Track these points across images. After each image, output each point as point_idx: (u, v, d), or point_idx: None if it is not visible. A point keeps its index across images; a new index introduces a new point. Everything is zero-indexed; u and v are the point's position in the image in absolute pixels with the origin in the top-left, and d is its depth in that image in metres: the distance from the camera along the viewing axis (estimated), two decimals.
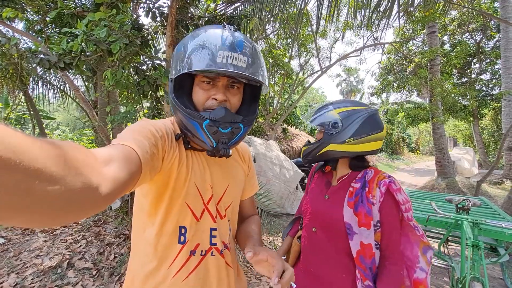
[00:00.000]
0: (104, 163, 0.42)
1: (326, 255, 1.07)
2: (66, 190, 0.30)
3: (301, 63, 10.76)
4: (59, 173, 0.29)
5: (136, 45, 2.39)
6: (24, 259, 2.60)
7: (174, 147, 0.71)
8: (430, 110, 8.13)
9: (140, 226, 0.77)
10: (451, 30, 11.56)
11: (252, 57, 0.67)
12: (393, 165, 15.83)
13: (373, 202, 0.98)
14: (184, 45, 0.69)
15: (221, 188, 0.81)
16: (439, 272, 3.05)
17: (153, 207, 0.73)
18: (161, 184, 0.70)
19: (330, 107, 1.10)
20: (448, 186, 7.39)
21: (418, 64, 9.25)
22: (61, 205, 0.31)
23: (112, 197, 0.41)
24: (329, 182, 1.15)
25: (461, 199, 2.31)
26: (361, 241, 0.97)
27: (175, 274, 0.73)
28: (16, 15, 2.54)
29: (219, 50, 0.63)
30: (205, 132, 0.66)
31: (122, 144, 0.54)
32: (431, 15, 6.11)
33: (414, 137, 26.54)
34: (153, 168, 0.60)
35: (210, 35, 0.67)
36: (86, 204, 0.35)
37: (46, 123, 12.55)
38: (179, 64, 0.68)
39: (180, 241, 0.74)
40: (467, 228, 1.98)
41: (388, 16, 3.91)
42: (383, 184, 0.99)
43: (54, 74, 5.95)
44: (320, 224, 1.10)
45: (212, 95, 0.70)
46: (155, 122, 0.70)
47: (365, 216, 0.97)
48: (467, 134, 18.44)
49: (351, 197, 1.02)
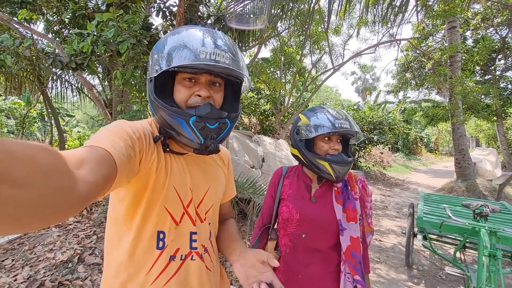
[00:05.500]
0: (75, 166, 0.41)
1: (317, 256, 1.09)
2: (34, 194, 0.29)
3: (313, 61, 10.59)
4: (25, 177, 0.28)
5: (143, 45, 2.41)
6: (38, 252, 2.70)
7: (152, 149, 0.69)
8: (449, 109, 7.77)
9: (114, 235, 0.75)
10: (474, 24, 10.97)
11: (233, 53, 0.67)
12: (409, 165, 15.30)
13: (356, 197, 1.11)
14: (163, 44, 0.68)
15: (201, 191, 0.80)
16: (455, 280, 2.90)
17: (130, 212, 0.71)
18: (138, 188, 0.69)
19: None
20: (468, 188, 7.05)
21: (438, 61, 8.86)
22: (30, 211, 0.29)
23: (84, 201, 0.39)
24: (310, 186, 1.17)
25: (479, 205, 2.18)
26: (351, 235, 1.05)
27: (155, 279, 0.71)
28: (31, 17, 2.62)
29: (202, 47, 0.63)
30: (192, 129, 0.66)
31: (96, 146, 0.52)
32: (452, 10, 5.81)
33: (432, 136, 25.56)
34: (130, 170, 0.59)
35: (191, 33, 0.67)
36: (56, 209, 0.34)
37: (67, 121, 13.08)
38: (159, 62, 0.66)
39: (158, 247, 0.72)
40: (485, 236, 1.86)
41: (404, 11, 3.74)
42: (359, 181, 1.17)
43: (72, 73, 6.16)
44: (311, 227, 1.09)
45: (195, 92, 0.69)
46: (132, 123, 0.69)
47: (352, 210, 1.07)
48: (490, 134, 17.53)
49: (339, 195, 1.11)
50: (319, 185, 1.15)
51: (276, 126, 10.24)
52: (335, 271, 1.08)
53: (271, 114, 10.97)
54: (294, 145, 1.16)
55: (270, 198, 1.23)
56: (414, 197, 7.24)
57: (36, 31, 3.69)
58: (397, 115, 13.51)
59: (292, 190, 1.18)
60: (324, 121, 1.06)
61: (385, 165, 12.71)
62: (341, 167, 1.05)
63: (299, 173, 1.21)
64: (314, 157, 1.07)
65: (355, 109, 15.48)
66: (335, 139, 1.09)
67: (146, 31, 2.70)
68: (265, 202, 1.24)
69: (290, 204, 1.14)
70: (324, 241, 1.09)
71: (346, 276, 1.03)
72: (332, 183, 1.14)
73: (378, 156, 13.23)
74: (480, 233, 1.91)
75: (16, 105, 9.84)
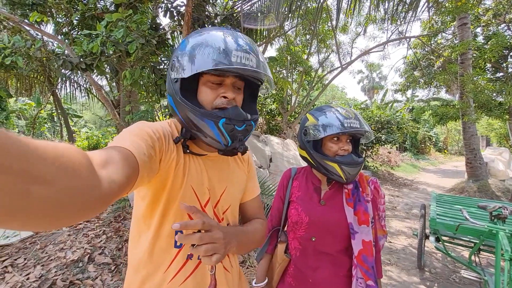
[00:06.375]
0: (100, 165, 0.42)
1: (327, 260, 1.06)
2: (61, 192, 0.31)
3: (320, 60, 10.50)
4: (54, 175, 0.30)
5: (152, 45, 2.40)
6: (49, 252, 2.73)
7: (172, 149, 0.71)
8: (460, 108, 7.60)
9: (135, 232, 0.77)
10: (485, 21, 10.70)
11: (258, 56, 0.69)
12: (418, 165, 15.05)
13: (367, 199, 1.07)
14: (191, 45, 0.68)
15: (218, 191, 0.80)
16: (469, 284, 2.82)
17: (149, 210, 0.73)
18: (158, 187, 0.71)
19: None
20: (480, 189, 6.89)
21: (448, 58, 8.68)
22: (57, 207, 0.31)
23: (108, 199, 0.41)
24: (319, 187, 1.13)
25: (497, 206, 2.11)
26: (363, 239, 1.01)
27: (172, 278, 0.72)
28: (41, 19, 2.64)
29: (233, 50, 0.64)
30: (221, 131, 0.66)
31: (119, 146, 0.54)
32: (463, 6, 5.68)
33: (441, 136, 25.10)
34: (150, 170, 0.60)
35: (219, 35, 0.68)
36: (82, 206, 0.35)
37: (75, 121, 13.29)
38: (188, 63, 0.66)
39: (176, 245, 0.73)
40: (503, 240, 1.79)
41: (415, 8, 3.66)
42: (371, 182, 1.12)
43: (81, 74, 6.24)
44: (320, 231, 1.06)
45: (221, 94, 0.70)
46: (152, 124, 0.71)
47: (364, 213, 1.03)
48: (502, 133, 17.11)
49: (349, 197, 1.07)
50: (328, 187, 1.12)
51: (282, 126, 10.19)
52: (346, 276, 1.04)
53: (277, 113, 10.93)
54: (301, 146, 1.13)
55: (279, 200, 1.20)
56: (423, 198, 7.11)
57: (46, 32, 3.73)
58: (405, 114, 13.28)
59: (301, 192, 1.15)
60: (333, 120, 1.02)
61: (393, 164, 12.54)
62: (351, 168, 1.01)
63: (308, 175, 1.18)
64: (323, 158, 1.04)
65: (362, 108, 15.30)
66: (345, 139, 1.05)
67: (155, 31, 2.69)
68: (274, 204, 1.22)
69: (299, 207, 1.12)
70: (334, 245, 1.06)
71: (358, 281, 0.99)
72: (342, 185, 1.10)
73: (385, 156, 13.06)
74: (498, 236, 1.85)
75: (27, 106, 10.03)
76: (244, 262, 2.88)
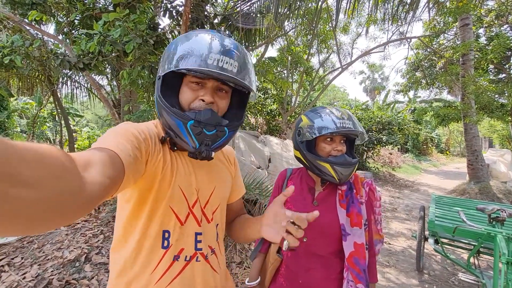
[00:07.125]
0: (83, 167, 0.41)
1: (318, 261, 1.05)
2: (44, 195, 0.30)
3: (321, 60, 10.47)
4: (36, 178, 0.29)
5: (149, 45, 2.40)
6: (47, 251, 2.74)
7: (158, 150, 0.70)
8: (462, 109, 7.56)
9: (121, 234, 0.76)
10: (488, 22, 10.64)
11: (243, 63, 0.68)
12: (419, 166, 14.98)
13: (361, 201, 1.06)
14: (175, 45, 0.69)
15: (207, 191, 0.80)
16: (468, 287, 2.80)
17: (136, 211, 0.72)
18: (144, 188, 0.70)
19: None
20: (481, 191, 6.84)
21: (449, 59, 8.63)
22: (40, 211, 0.30)
23: (93, 201, 0.40)
24: (313, 188, 1.13)
25: (495, 209, 2.08)
26: (355, 241, 1.00)
27: (159, 279, 0.72)
28: (41, 18, 2.65)
29: (211, 53, 0.64)
30: (189, 132, 0.66)
31: (104, 147, 0.53)
32: (465, 6, 5.64)
33: (443, 137, 24.98)
34: (136, 171, 0.60)
35: (204, 38, 0.68)
36: (66, 210, 0.34)
37: (77, 121, 13.33)
38: (168, 62, 0.68)
39: (163, 246, 0.73)
40: (501, 242, 1.77)
41: (415, 8, 3.64)
42: (366, 184, 1.11)
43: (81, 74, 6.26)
44: (312, 232, 1.05)
45: (200, 96, 0.70)
46: (137, 124, 0.70)
47: (357, 215, 1.02)
48: (505, 135, 17.01)
49: (342, 199, 1.06)
50: (322, 188, 1.12)
51: (282, 126, 10.18)
52: (337, 278, 1.03)
53: (277, 114, 10.91)
54: (296, 147, 1.13)
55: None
56: (424, 199, 7.07)
57: (46, 32, 3.74)
58: (407, 115, 13.21)
59: (295, 193, 1.14)
60: (326, 121, 1.02)
61: (394, 166, 12.49)
62: (344, 168, 1.00)
63: (303, 175, 1.18)
64: (315, 158, 1.03)
65: (363, 108, 15.24)
66: (338, 140, 1.05)
67: (152, 31, 2.69)
68: (270, 204, 1.21)
69: (292, 207, 1.11)
70: (325, 246, 1.05)
71: (349, 284, 0.98)
72: (336, 186, 1.10)
73: (387, 157, 13.01)
74: (497, 239, 1.83)
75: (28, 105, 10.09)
76: (242, 263, 2.87)
